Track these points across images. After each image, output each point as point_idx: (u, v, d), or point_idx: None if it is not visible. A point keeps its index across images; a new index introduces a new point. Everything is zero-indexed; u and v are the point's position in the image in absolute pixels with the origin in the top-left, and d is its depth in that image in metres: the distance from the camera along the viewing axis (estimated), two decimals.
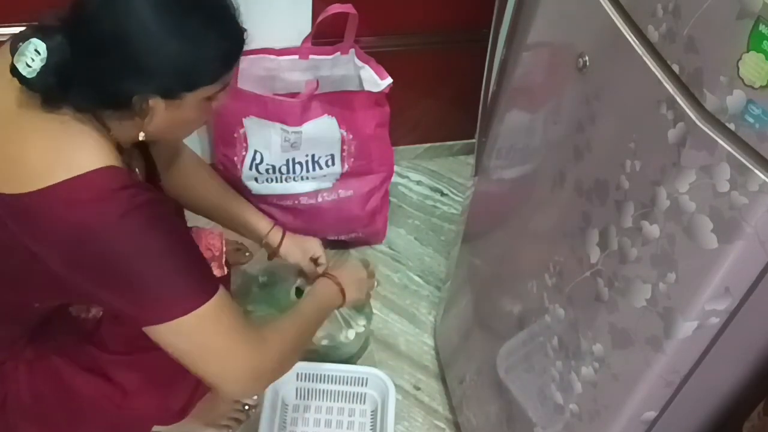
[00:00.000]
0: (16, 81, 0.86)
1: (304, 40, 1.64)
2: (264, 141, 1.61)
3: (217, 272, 1.24)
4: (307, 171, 1.66)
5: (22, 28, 0.92)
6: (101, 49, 0.86)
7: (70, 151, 0.88)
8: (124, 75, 0.87)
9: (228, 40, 0.92)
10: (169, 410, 1.24)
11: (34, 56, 0.85)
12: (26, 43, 0.85)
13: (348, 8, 1.57)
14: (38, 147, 0.88)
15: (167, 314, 0.90)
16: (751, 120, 0.61)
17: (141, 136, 0.95)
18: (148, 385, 1.14)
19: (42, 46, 0.85)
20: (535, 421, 1.07)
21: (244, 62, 1.60)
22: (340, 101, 1.59)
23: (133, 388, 1.13)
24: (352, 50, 1.65)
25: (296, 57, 1.64)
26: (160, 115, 0.92)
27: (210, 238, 1.34)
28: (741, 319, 0.73)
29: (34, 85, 0.86)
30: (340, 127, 1.61)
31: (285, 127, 1.58)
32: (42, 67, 0.85)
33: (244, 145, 1.63)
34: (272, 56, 1.63)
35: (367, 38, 1.73)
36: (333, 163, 1.67)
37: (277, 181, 1.67)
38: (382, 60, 1.67)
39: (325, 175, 1.68)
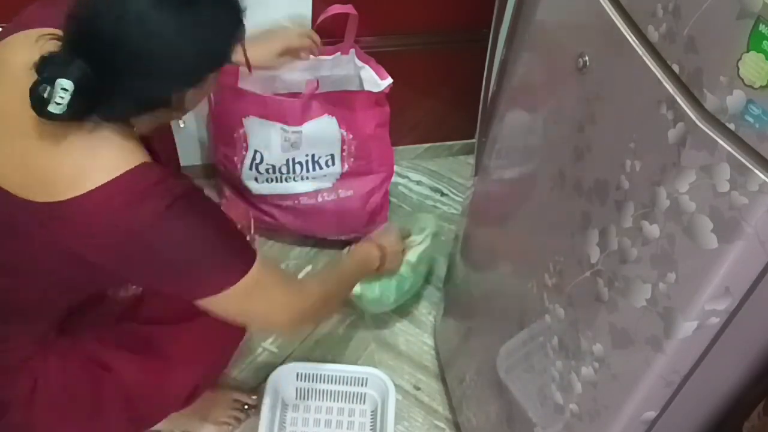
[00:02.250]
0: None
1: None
2: (264, 141, 1.61)
3: None
4: (307, 171, 1.66)
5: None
6: (127, 66, 0.86)
7: (102, 154, 0.89)
8: (155, 84, 0.90)
9: (234, 10, 0.94)
10: (200, 386, 1.27)
11: (63, 95, 0.83)
12: (52, 87, 0.82)
13: (348, 8, 1.57)
14: (69, 155, 0.89)
15: (218, 288, 0.97)
16: (751, 120, 0.61)
17: (181, 124, 1.03)
18: (192, 355, 1.21)
19: (68, 84, 0.83)
20: (535, 421, 1.07)
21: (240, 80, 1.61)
22: (340, 101, 1.59)
23: (180, 359, 1.19)
24: (353, 50, 1.65)
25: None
26: (189, 100, 0.96)
27: (236, 208, 1.46)
28: (741, 319, 0.73)
29: (66, 116, 0.84)
30: (340, 127, 1.61)
31: (285, 126, 1.58)
32: (70, 100, 0.84)
33: (244, 145, 1.63)
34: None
35: (367, 38, 1.73)
36: (333, 163, 1.67)
37: (277, 181, 1.67)
38: (382, 60, 1.67)
39: (325, 175, 1.68)
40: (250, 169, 1.65)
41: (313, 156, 1.64)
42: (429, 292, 1.78)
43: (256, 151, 1.63)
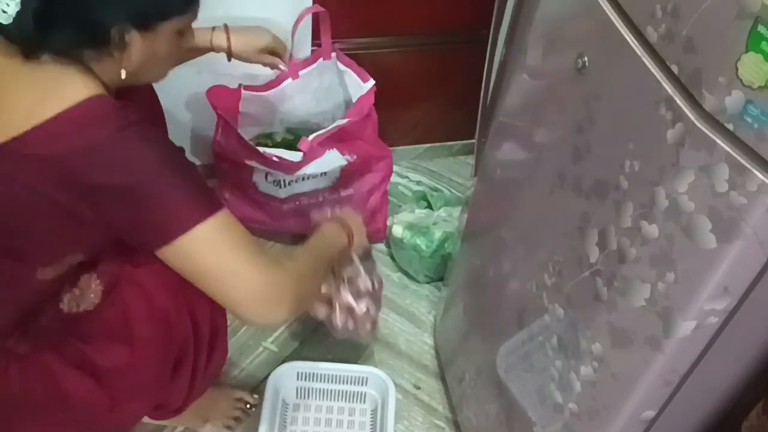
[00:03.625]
0: None
1: (290, 62, 1.66)
2: (269, 175, 1.66)
3: None
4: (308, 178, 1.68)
5: None
6: None
7: (58, 87, 0.90)
8: (99, 5, 0.89)
9: None
10: (165, 408, 1.24)
11: (9, 1, 0.85)
12: None
13: (316, 8, 1.58)
14: (25, 91, 0.90)
15: (177, 227, 0.91)
16: (749, 120, 0.61)
17: (123, 75, 0.97)
18: (139, 391, 1.12)
19: None
20: (535, 420, 1.07)
21: (242, 103, 1.66)
22: (337, 135, 1.61)
23: (124, 396, 1.12)
24: (334, 54, 1.67)
25: (290, 80, 1.67)
26: (136, 48, 0.94)
27: None
28: (740, 318, 0.73)
29: (12, 32, 0.87)
30: (342, 154, 1.64)
31: (288, 175, 1.63)
32: (18, 11, 0.86)
33: (250, 175, 1.68)
34: (269, 91, 1.67)
35: (367, 39, 1.74)
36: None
37: (281, 187, 1.68)
38: (382, 60, 1.67)
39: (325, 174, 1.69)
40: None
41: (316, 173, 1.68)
42: (429, 292, 1.78)
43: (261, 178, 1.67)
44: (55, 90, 0.90)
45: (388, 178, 1.77)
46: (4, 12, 0.86)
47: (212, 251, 0.93)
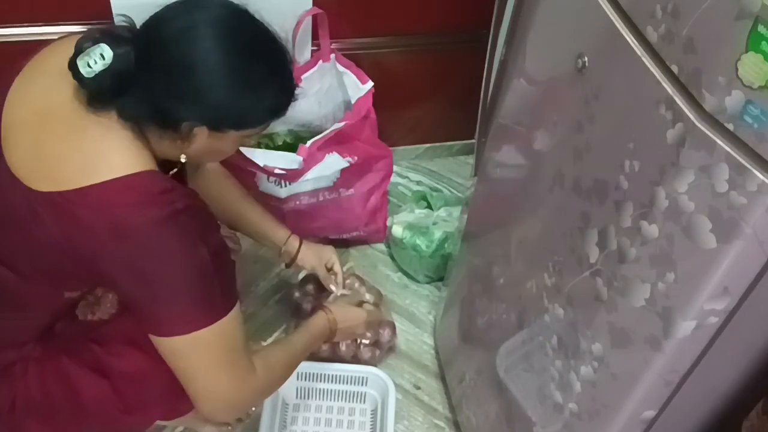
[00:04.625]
0: (69, 79, 0.89)
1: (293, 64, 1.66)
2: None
3: None
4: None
5: (34, 29, 0.96)
6: (166, 71, 0.90)
7: (112, 153, 0.91)
8: (180, 101, 0.91)
9: (284, 94, 0.98)
10: (177, 412, 1.25)
11: (97, 59, 0.87)
12: (95, 46, 0.88)
13: (315, 10, 1.58)
14: (79, 146, 0.90)
15: (168, 329, 0.95)
16: (749, 120, 0.61)
17: (182, 159, 0.98)
18: (152, 395, 1.14)
19: (109, 53, 0.87)
20: (535, 420, 1.07)
21: None
22: (336, 138, 1.61)
23: (137, 400, 1.14)
24: (333, 56, 1.66)
25: None
26: (200, 142, 0.95)
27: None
28: (740, 318, 0.73)
29: (89, 84, 0.88)
30: (343, 157, 1.64)
31: (289, 184, 1.64)
32: (102, 71, 0.87)
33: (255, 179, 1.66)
34: None
35: (367, 39, 1.74)
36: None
37: (282, 186, 1.68)
38: (382, 60, 1.67)
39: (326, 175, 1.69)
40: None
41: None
42: (429, 292, 1.78)
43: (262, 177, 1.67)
44: (110, 154, 0.90)
45: (388, 178, 1.78)
46: (89, 66, 0.87)
47: (194, 357, 0.97)
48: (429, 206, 1.82)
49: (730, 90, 0.62)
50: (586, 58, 0.85)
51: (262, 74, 0.94)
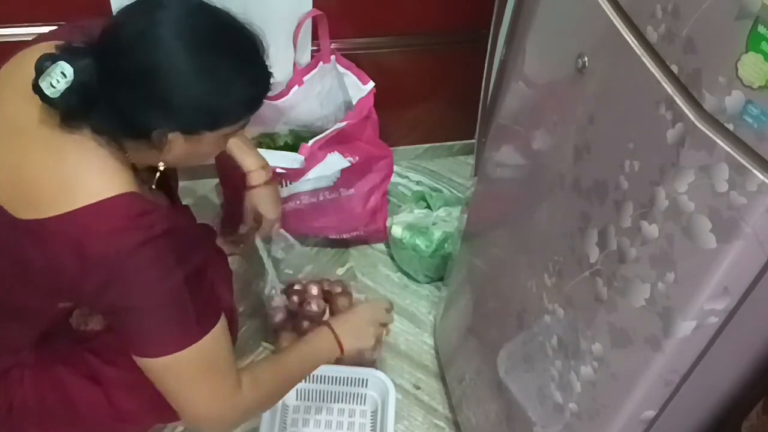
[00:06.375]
0: (36, 97, 0.86)
1: (294, 68, 1.66)
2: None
3: None
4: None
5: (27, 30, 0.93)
6: (129, 80, 0.86)
7: (89, 176, 0.88)
8: (148, 109, 0.87)
9: (256, 86, 0.93)
10: (169, 420, 1.25)
11: (60, 78, 0.84)
12: (54, 65, 0.84)
13: (315, 11, 1.58)
14: (56, 171, 0.88)
15: (149, 351, 0.94)
16: (749, 120, 0.61)
17: (161, 166, 0.96)
18: (144, 402, 1.13)
19: (69, 70, 0.84)
20: (535, 420, 1.07)
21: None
22: (338, 138, 1.61)
23: (129, 406, 1.14)
24: (333, 57, 1.67)
25: (296, 87, 1.67)
26: (178, 148, 0.92)
27: None
28: (740, 318, 0.73)
29: (57, 103, 0.86)
30: (344, 156, 1.64)
31: (290, 183, 1.64)
32: (66, 89, 0.84)
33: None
34: (279, 100, 1.67)
35: (367, 39, 1.74)
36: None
37: (282, 186, 1.68)
38: (382, 60, 1.67)
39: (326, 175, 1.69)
40: None
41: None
42: (429, 292, 1.78)
43: None
44: (86, 178, 0.88)
45: (388, 178, 1.78)
46: (52, 86, 0.84)
47: (171, 378, 0.96)
48: (429, 206, 1.82)
49: (730, 90, 0.62)
50: (586, 58, 0.85)
51: (230, 69, 0.88)
